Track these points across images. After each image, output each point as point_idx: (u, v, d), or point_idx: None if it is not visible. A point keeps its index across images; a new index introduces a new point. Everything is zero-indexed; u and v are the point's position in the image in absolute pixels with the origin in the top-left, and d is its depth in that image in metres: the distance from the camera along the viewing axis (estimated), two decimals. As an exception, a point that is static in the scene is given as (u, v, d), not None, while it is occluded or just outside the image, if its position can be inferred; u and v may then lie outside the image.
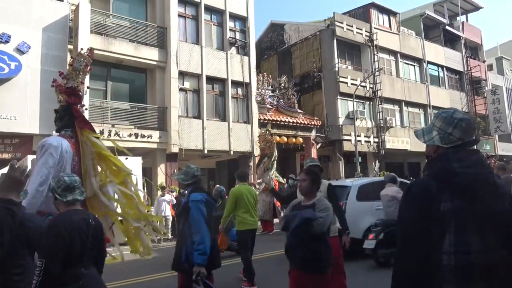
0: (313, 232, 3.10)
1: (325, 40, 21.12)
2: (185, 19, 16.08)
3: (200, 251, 3.38)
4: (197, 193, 3.66)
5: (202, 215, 3.49)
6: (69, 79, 4.49)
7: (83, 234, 2.27)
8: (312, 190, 3.39)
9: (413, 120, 24.14)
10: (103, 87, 14.39)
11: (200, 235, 3.42)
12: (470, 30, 29.89)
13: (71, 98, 4.41)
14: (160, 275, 6.86)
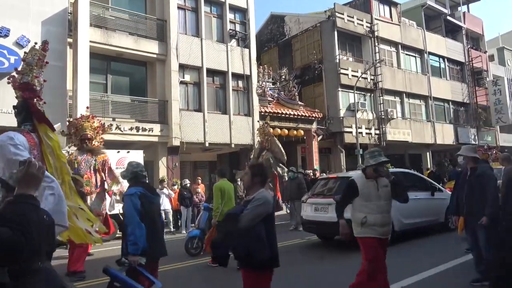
0: (240, 227, 3.02)
1: (325, 31, 20.98)
2: (184, 11, 15.96)
3: (131, 241, 3.60)
4: (133, 187, 3.86)
5: (134, 208, 3.68)
6: (23, 75, 4.55)
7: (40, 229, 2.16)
8: (253, 184, 3.28)
9: (414, 112, 24.07)
10: (103, 81, 14.34)
11: (131, 226, 3.64)
12: (471, 21, 29.67)
13: (25, 93, 4.50)
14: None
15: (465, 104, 27.62)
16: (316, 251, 8.03)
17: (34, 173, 1.69)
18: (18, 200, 1.64)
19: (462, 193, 4.98)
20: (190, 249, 7.89)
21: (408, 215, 8.16)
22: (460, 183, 5.15)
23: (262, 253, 3.04)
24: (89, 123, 7.79)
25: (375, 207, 4.01)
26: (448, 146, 25.33)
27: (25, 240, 1.51)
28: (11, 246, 1.46)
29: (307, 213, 8.52)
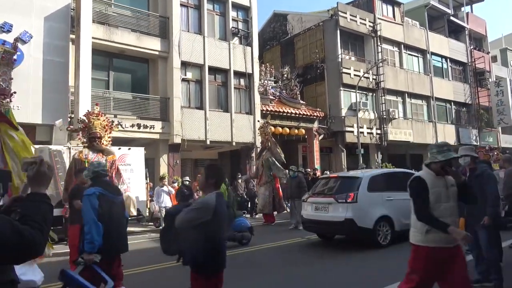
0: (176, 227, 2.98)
1: (328, 30, 20.94)
2: (187, 9, 15.95)
3: (87, 240, 3.78)
4: (93, 187, 4.04)
5: (92, 208, 3.85)
6: None
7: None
8: (207, 186, 3.16)
9: (416, 112, 24.03)
10: (105, 77, 14.35)
11: (88, 225, 3.82)
12: (474, 21, 29.57)
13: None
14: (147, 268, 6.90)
15: (467, 105, 27.55)
16: (316, 250, 8.03)
17: (46, 172, 1.67)
18: (34, 198, 1.61)
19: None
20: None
21: (408, 215, 8.14)
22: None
23: (196, 258, 2.94)
24: (99, 121, 7.44)
25: (444, 209, 3.34)
26: (450, 147, 25.24)
27: (44, 239, 1.51)
28: (32, 244, 1.45)
29: (308, 212, 8.52)
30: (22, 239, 1.39)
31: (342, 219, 7.57)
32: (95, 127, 7.27)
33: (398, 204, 8.01)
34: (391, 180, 8.63)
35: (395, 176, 9.22)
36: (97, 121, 7.37)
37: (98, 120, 7.39)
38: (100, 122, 7.41)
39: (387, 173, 9.32)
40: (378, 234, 7.61)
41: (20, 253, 1.43)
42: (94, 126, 7.28)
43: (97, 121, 7.37)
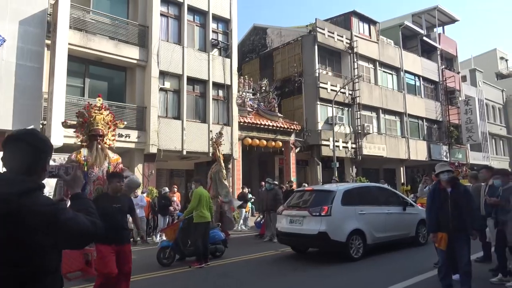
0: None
1: (306, 45, 21.37)
2: (167, 19, 15.95)
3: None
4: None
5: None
6: None
7: None
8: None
9: (389, 127, 24.68)
10: (80, 84, 14.08)
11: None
12: (446, 42, 30.87)
13: None
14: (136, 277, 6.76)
15: (438, 122, 28.55)
16: (290, 263, 8.06)
17: (80, 176, 1.98)
18: (80, 196, 1.91)
19: (443, 210, 5.00)
20: (162, 259, 7.78)
21: (381, 229, 8.33)
22: (440, 201, 5.09)
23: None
24: (102, 115, 6.10)
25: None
26: (421, 162, 26.04)
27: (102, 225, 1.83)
28: (100, 229, 1.77)
29: (282, 225, 8.56)
30: (96, 227, 1.72)
31: (315, 232, 7.65)
32: (97, 122, 5.98)
33: (370, 217, 8.19)
34: (364, 194, 8.84)
35: (368, 190, 9.45)
36: (99, 115, 6.06)
37: (100, 115, 6.08)
38: (103, 117, 6.12)
39: (361, 187, 9.54)
40: (351, 247, 7.72)
41: (94, 238, 1.76)
42: (96, 121, 5.98)
43: (99, 115, 6.06)
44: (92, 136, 5.91)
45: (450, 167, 5.44)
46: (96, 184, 5.56)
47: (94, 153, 5.69)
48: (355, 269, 7.11)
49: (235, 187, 16.69)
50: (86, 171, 5.53)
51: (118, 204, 4.59)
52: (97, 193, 5.44)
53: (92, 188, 5.43)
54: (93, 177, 5.62)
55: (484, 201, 6.20)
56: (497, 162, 32.79)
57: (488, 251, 7.05)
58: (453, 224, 4.92)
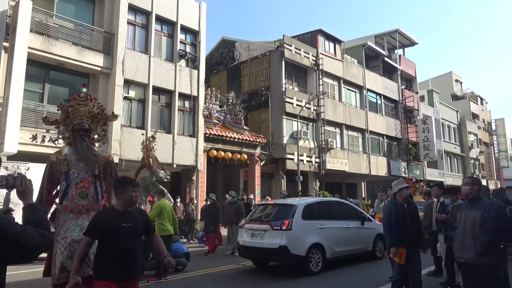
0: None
1: (274, 60, 21.75)
2: (134, 27, 15.76)
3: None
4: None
5: None
6: None
7: None
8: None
9: (352, 143, 25.41)
10: (39, 89, 13.54)
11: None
12: (406, 63, 32.42)
13: None
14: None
15: (398, 139, 29.73)
16: (250, 277, 8.04)
17: (30, 186, 1.96)
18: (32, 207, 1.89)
19: (403, 225, 5.18)
20: None
21: (340, 243, 8.51)
22: (399, 216, 5.24)
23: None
24: (87, 107, 5.05)
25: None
26: (381, 178, 26.92)
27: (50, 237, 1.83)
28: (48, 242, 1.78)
29: (244, 239, 8.54)
30: (44, 239, 1.72)
31: (276, 246, 7.70)
32: (81, 115, 4.96)
33: (330, 232, 8.35)
34: (324, 208, 9.02)
35: (328, 204, 9.65)
36: (83, 107, 5.04)
37: (85, 107, 5.06)
38: (89, 108, 5.06)
39: (321, 202, 9.71)
40: (310, 261, 7.82)
41: (42, 250, 1.75)
42: (79, 113, 4.96)
43: (83, 107, 5.04)
44: (76, 131, 4.86)
45: (407, 183, 5.71)
46: (79, 187, 4.56)
47: (79, 150, 4.69)
48: (314, 283, 7.21)
49: (199, 198, 16.52)
50: (67, 172, 4.58)
51: (129, 223, 3.32)
52: (81, 197, 4.52)
53: (74, 193, 4.48)
54: (76, 179, 4.59)
55: (435, 217, 6.51)
56: (452, 178, 34.52)
57: (439, 265, 7.37)
58: (410, 239, 5.15)
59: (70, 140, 4.88)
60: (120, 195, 3.36)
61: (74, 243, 4.16)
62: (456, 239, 4.48)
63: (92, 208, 4.54)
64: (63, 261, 4.11)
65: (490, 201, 4.39)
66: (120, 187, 3.40)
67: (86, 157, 4.67)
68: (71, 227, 4.30)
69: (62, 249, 4.15)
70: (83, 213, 4.44)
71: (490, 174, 40.49)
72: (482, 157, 41.08)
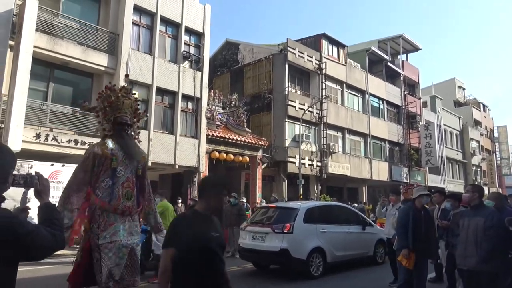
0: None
1: (277, 63, 21.78)
2: (139, 28, 15.83)
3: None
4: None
5: None
6: None
7: None
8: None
9: (354, 148, 25.40)
10: (44, 88, 13.60)
11: None
12: (409, 69, 32.43)
13: None
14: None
15: (400, 144, 29.71)
16: (250, 279, 8.04)
17: (47, 184, 1.96)
18: (48, 206, 1.89)
19: (417, 231, 5.13)
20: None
21: (341, 248, 8.51)
22: (416, 221, 5.20)
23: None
24: (130, 101, 4.61)
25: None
26: (382, 182, 26.89)
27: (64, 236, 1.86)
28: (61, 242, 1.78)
29: (245, 241, 8.55)
30: (56, 239, 1.73)
31: (277, 249, 7.70)
32: (125, 108, 4.48)
33: (331, 236, 8.36)
34: (326, 212, 9.02)
35: (330, 208, 9.66)
36: (127, 100, 4.55)
37: (129, 100, 4.58)
38: (131, 103, 4.62)
39: (323, 206, 9.72)
40: (311, 265, 7.82)
41: (54, 250, 1.77)
42: (124, 107, 4.48)
43: (127, 100, 4.55)
44: (120, 125, 4.38)
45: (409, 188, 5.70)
46: (125, 187, 4.12)
47: (128, 146, 4.29)
48: (315, 287, 7.20)
49: (199, 200, 16.52)
50: (114, 169, 4.09)
51: (216, 232, 2.55)
52: (126, 198, 4.07)
53: (121, 192, 4.05)
54: (122, 178, 4.13)
55: (436, 223, 6.50)
56: (453, 185, 34.46)
57: (440, 271, 7.36)
58: (422, 246, 5.10)
59: (111, 133, 4.39)
60: (209, 197, 2.55)
61: (123, 248, 3.84)
62: (459, 246, 4.48)
63: (135, 212, 4.18)
64: (111, 268, 3.73)
65: (494, 209, 4.40)
66: (215, 188, 2.61)
67: (135, 155, 4.27)
68: (119, 230, 3.91)
69: (110, 254, 3.79)
70: (130, 215, 4.07)
71: (492, 181, 40.40)
72: (484, 164, 41.01)
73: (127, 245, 3.83)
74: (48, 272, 7.97)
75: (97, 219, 3.92)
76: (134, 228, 4.11)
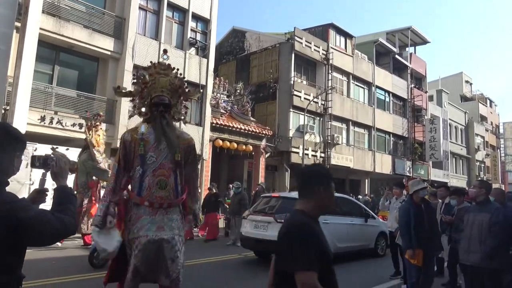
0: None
1: (283, 52, 21.60)
2: (145, 12, 15.69)
3: None
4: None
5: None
6: None
7: None
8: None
9: (358, 140, 25.31)
10: (49, 71, 13.58)
11: None
12: (416, 62, 32.08)
13: None
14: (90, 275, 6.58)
15: (404, 138, 29.57)
16: (251, 268, 8.09)
17: (65, 167, 1.92)
18: (64, 189, 1.85)
19: (421, 227, 5.04)
20: (94, 260, 6.98)
21: (343, 239, 8.52)
22: (418, 217, 5.10)
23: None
24: (168, 77, 4.01)
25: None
26: (385, 175, 26.85)
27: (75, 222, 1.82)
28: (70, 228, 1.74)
29: (247, 230, 8.59)
30: (64, 225, 1.68)
31: (279, 238, 7.71)
32: (162, 87, 3.94)
33: (333, 227, 8.36)
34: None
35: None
36: (164, 77, 3.98)
37: (166, 77, 4.00)
38: (170, 79, 4.03)
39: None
40: (312, 255, 7.83)
41: (61, 236, 1.74)
42: (159, 85, 3.93)
43: (164, 77, 3.98)
44: (154, 106, 3.88)
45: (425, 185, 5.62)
46: (157, 175, 3.62)
47: (158, 129, 3.78)
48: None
49: (203, 187, 16.57)
50: (143, 155, 3.66)
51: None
52: (159, 187, 3.59)
53: (152, 181, 3.59)
54: (154, 164, 3.65)
55: (440, 218, 6.48)
56: (456, 180, 34.38)
57: (441, 266, 7.37)
58: (427, 241, 5.02)
59: (148, 116, 3.93)
60: (319, 195, 2.01)
61: (150, 244, 3.41)
62: (462, 241, 4.47)
63: (173, 204, 3.65)
64: (137, 265, 3.39)
65: (499, 205, 4.37)
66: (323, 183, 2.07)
67: (167, 138, 3.74)
68: (146, 224, 3.48)
69: (136, 251, 3.42)
70: (162, 207, 3.58)
71: (495, 178, 40.24)
72: (488, 160, 40.83)
73: (153, 241, 3.42)
74: (51, 255, 8.05)
75: (129, 212, 3.61)
76: (167, 222, 3.57)
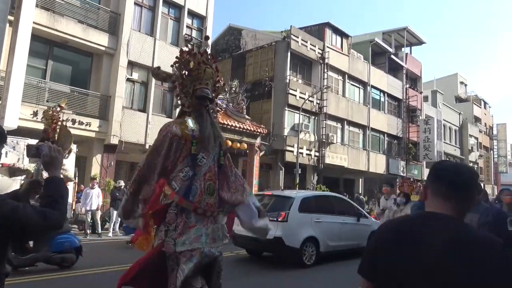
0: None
1: (279, 51, 21.57)
2: (141, 8, 15.60)
3: None
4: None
5: None
6: None
7: None
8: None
9: (352, 139, 25.37)
10: (43, 66, 13.48)
11: None
12: (412, 62, 32.20)
13: None
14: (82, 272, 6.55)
15: (398, 138, 29.69)
16: (244, 266, 8.09)
17: (58, 157, 1.85)
18: (54, 181, 1.77)
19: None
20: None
21: (334, 238, 8.55)
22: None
23: None
24: (212, 69, 3.49)
25: None
26: (379, 175, 26.96)
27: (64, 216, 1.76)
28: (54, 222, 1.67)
29: (240, 228, 8.54)
30: (45, 219, 1.62)
31: (271, 237, 7.69)
32: (207, 77, 3.43)
33: (325, 226, 8.39)
34: (321, 202, 9.04)
35: (326, 199, 9.67)
36: (209, 69, 3.46)
37: (210, 69, 3.46)
38: (213, 72, 3.51)
39: (319, 196, 9.74)
40: (304, 254, 7.87)
41: (44, 230, 1.71)
42: (205, 76, 3.41)
43: (209, 69, 3.46)
44: (200, 99, 3.34)
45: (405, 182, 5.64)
46: (207, 179, 3.15)
47: (207, 127, 3.27)
48: (305, 275, 7.26)
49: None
50: (194, 155, 3.14)
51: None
52: (209, 193, 3.11)
53: (203, 186, 3.10)
54: (205, 167, 3.18)
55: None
56: (449, 180, 34.51)
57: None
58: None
59: (190, 110, 3.38)
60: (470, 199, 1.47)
61: (205, 257, 2.99)
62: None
63: (216, 212, 3.21)
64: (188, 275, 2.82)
65: (488, 206, 4.38)
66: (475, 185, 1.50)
67: (217, 139, 3.35)
68: (202, 234, 3.01)
69: (191, 264, 2.89)
70: (213, 216, 3.14)
71: (488, 179, 40.58)
72: (481, 161, 41.12)
73: (210, 254, 3.02)
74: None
75: (174, 219, 2.98)
76: (217, 232, 3.17)
